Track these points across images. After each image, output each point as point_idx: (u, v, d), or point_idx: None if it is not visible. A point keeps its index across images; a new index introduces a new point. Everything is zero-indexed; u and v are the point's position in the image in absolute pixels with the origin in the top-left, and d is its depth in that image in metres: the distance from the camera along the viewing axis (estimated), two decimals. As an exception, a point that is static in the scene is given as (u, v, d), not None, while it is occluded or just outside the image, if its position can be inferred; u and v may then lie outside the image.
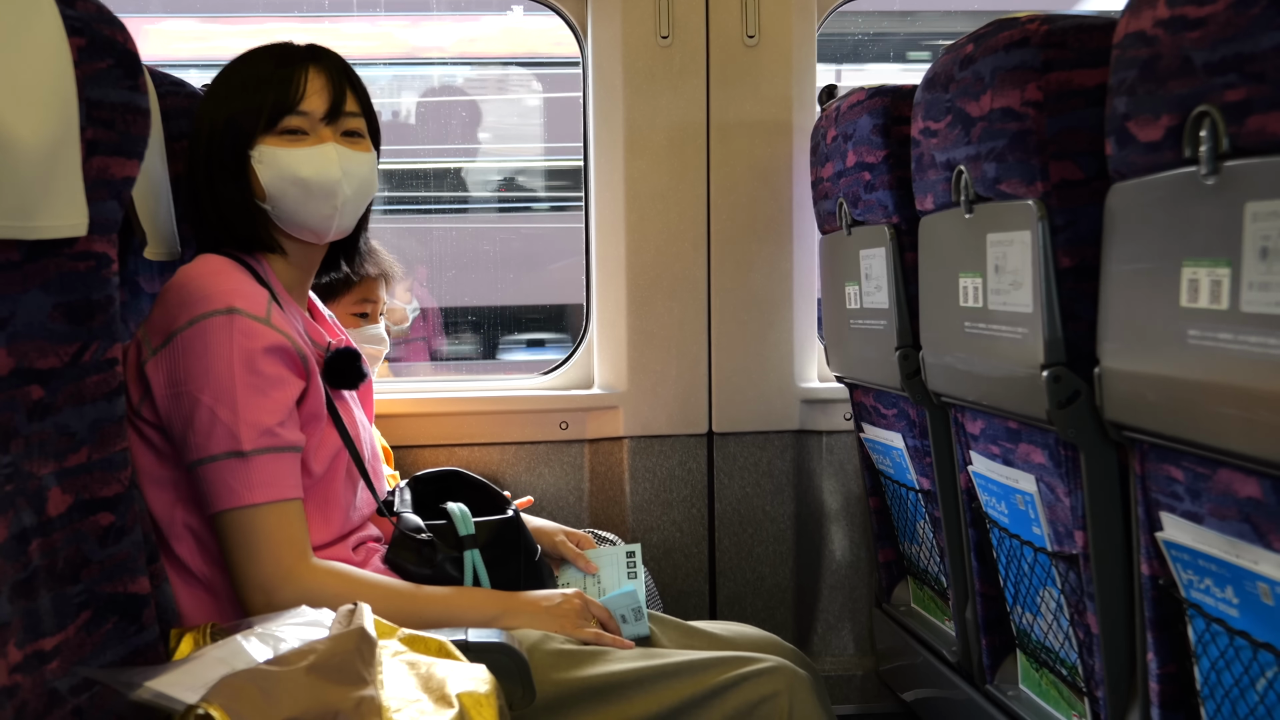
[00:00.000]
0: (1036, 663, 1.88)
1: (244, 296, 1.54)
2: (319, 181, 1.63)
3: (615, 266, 2.72)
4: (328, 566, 1.55)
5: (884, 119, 2.07)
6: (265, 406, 1.51)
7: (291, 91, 1.63)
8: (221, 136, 1.62)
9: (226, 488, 1.49)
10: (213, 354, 1.49)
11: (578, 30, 2.75)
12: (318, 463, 1.61)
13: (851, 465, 2.79)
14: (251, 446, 1.49)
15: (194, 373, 1.49)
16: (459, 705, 1.15)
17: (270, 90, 1.62)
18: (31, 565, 1.13)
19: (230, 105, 1.63)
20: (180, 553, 1.56)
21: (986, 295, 1.67)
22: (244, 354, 1.50)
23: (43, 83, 1.12)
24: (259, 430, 1.50)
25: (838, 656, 2.85)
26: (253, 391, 1.50)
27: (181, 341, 1.50)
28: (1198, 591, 1.33)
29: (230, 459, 1.49)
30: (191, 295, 1.53)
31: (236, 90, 1.64)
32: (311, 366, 1.60)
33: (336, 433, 1.65)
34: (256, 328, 1.52)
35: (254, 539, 1.50)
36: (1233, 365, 1.12)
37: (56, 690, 1.15)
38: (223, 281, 1.55)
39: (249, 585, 1.50)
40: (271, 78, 1.63)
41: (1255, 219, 1.08)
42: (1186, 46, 1.16)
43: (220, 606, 1.56)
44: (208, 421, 1.49)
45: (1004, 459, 1.77)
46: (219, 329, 1.50)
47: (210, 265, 1.59)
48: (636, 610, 1.71)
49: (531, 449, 2.76)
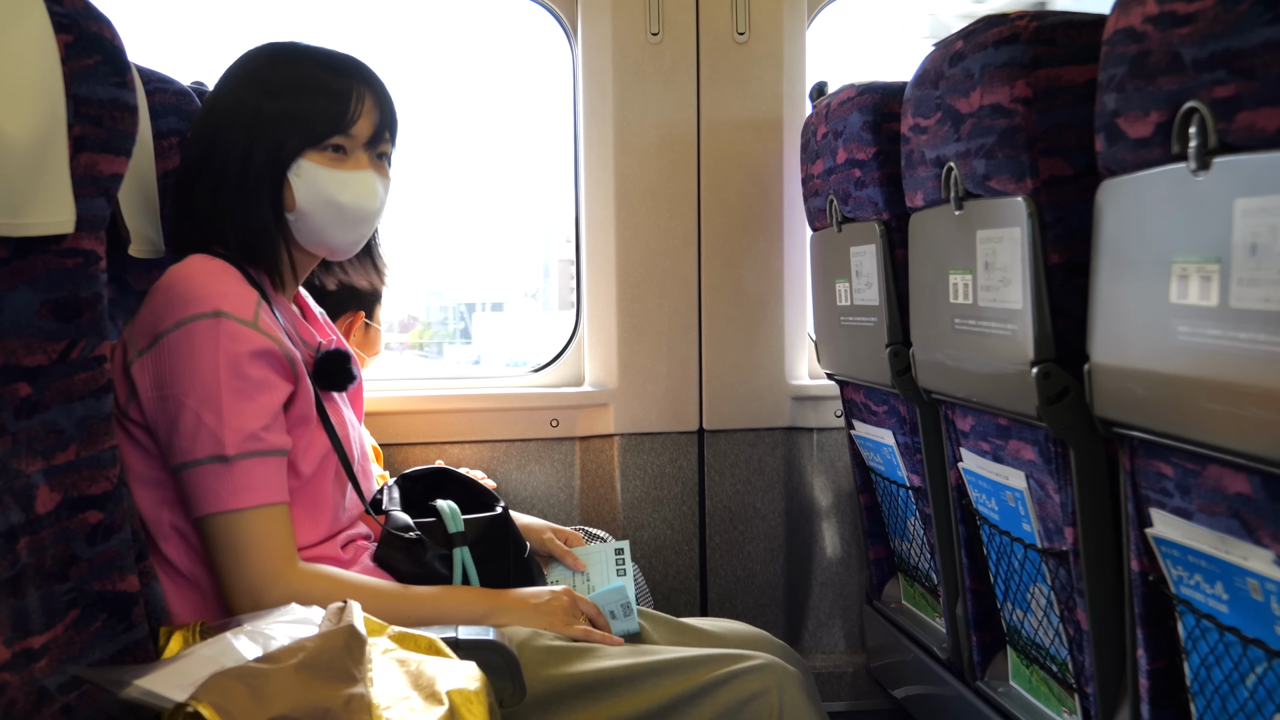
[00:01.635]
0: (1027, 659, 1.88)
1: (232, 299, 1.52)
2: (356, 208, 1.63)
3: (605, 263, 2.72)
4: (315, 570, 1.54)
5: (874, 116, 2.08)
6: (250, 411, 1.50)
7: (347, 110, 1.61)
8: (264, 143, 1.60)
9: (211, 492, 1.48)
10: (198, 358, 1.48)
11: (567, 27, 2.75)
12: (306, 464, 1.60)
13: (842, 462, 2.80)
14: (235, 451, 1.48)
15: (179, 376, 1.48)
16: (449, 702, 1.15)
17: (322, 103, 1.60)
18: (20, 563, 1.13)
19: (276, 110, 1.60)
20: (168, 552, 1.55)
21: (976, 292, 1.67)
22: (230, 358, 1.48)
23: (30, 79, 1.12)
24: (243, 435, 1.48)
25: (828, 653, 2.85)
26: (238, 396, 1.49)
27: (168, 344, 1.49)
28: (1187, 587, 1.33)
29: (214, 463, 1.48)
30: (179, 297, 1.51)
31: (283, 94, 1.60)
32: (300, 369, 1.58)
33: (325, 434, 1.64)
34: (243, 331, 1.50)
35: (239, 543, 1.49)
36: (1222, 361, 1.13)
37: (45, 688, 1.15)
38: (211, 283, 1.52)
39: (235, 589, 1.49)
40: (324, 90, 1.60)
41: (1245, 215, 1.08)
42: (1176, 43, 1.16)
43: (209, 605, 1.55)
44: (192, 425, 1.48)
45: (994, 455, 1.78)
46: (205, 332, 1.48)
47: (200, 266, 1.56)
48: (625, 606, 1.71)
49: (522, 446, 2.76)
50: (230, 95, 1.63)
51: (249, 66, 1.65)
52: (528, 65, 3.51)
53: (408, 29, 3.61)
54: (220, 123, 1.62)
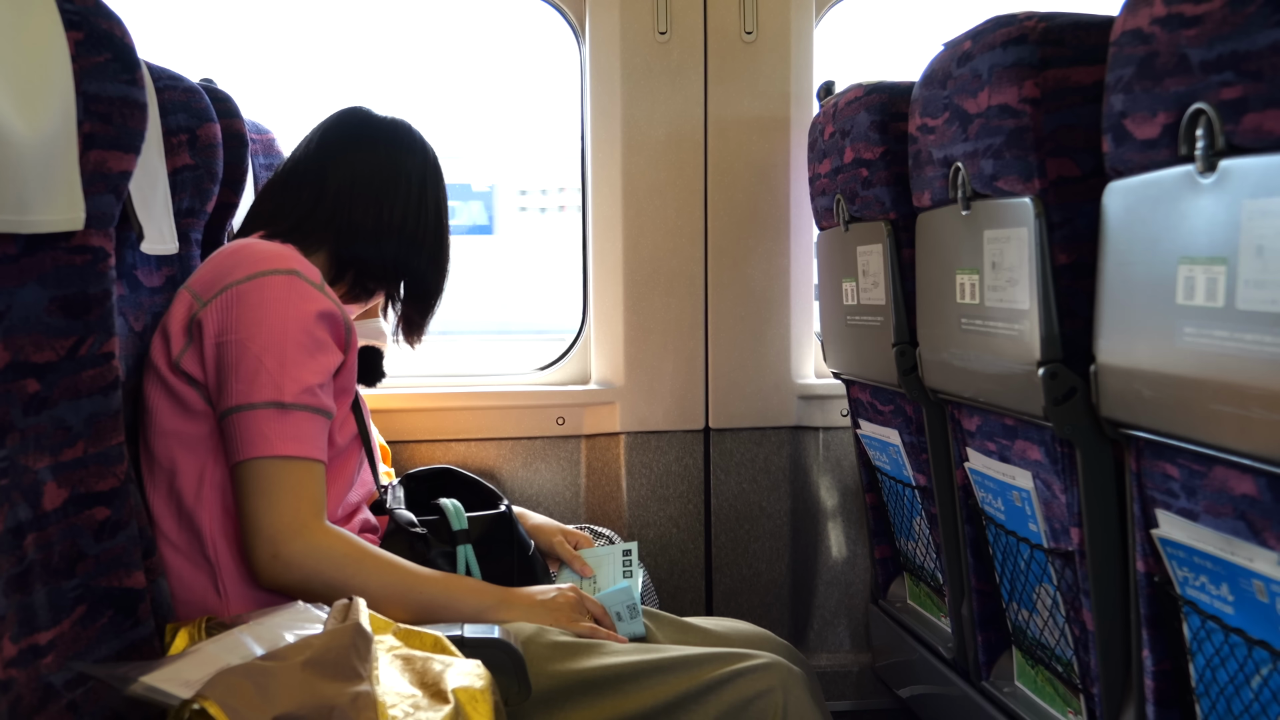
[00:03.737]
0: (1032, 659, 1.88)
1: (304, 265, 1.59)
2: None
3: (612, 262, 2.72)
4: (337, 530, 1.55)
5: (882, 115, 2.07)
6: (311, 366, 1.54)
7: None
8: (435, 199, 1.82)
9: (261, 435, 1.50)
10: (269, 307, 1.53)
11: (575, 26, 2.75)
12: (342, 436, 1.64)
13: (848, 461, 2.80)
14: (293, 400, 1.51)
15: (246, 321, 1.52)
16: (454, 700, 1.15)
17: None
18: (27, 559, 1.13)
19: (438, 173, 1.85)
20: (201, 519, 1.56)
21: (983, 292, 1.67)
22: (299, 314, 1.54)
23: (40, 76, 1.12)
24: (302, 387, 1.52)
25: (833, 653, 2.85)
26: (302, 350, 1.53)
27: (238, 293, 1.54)
28: (1193, 589, 1.33)
29: (270, 409, 1.50)
30: (250, 256, 1.58)
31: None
32: (354, 339, 1.64)
33: (354, 418, 1.68)
34: (313, 292, 1.57)
35: (275, 489, 1.50)
36: (1229, 363, 1.13)
37: (51, 685, 1.15)
38: (286, 251, 1.61)
39: (260, 535, 1.49)
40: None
41: (1252, 217, 1.08)
42: (1183, 44, 1.16)
43: (220, 587, 1.55)
44: (253, 369, 1.51)
45: (1000, 455, 1.78)
46: (279, 285, 1.54)
47: (265, 242, 1.65)
48: (631, 608, 1.71)
49: (528, 444, 2.76)
50: (392, 157, 1.80)
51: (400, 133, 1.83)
52: (536, 65, 3.51)
53: (408, 30, 3.61)
54: (383, 179, 1.78)
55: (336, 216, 1.72)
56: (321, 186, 1.73)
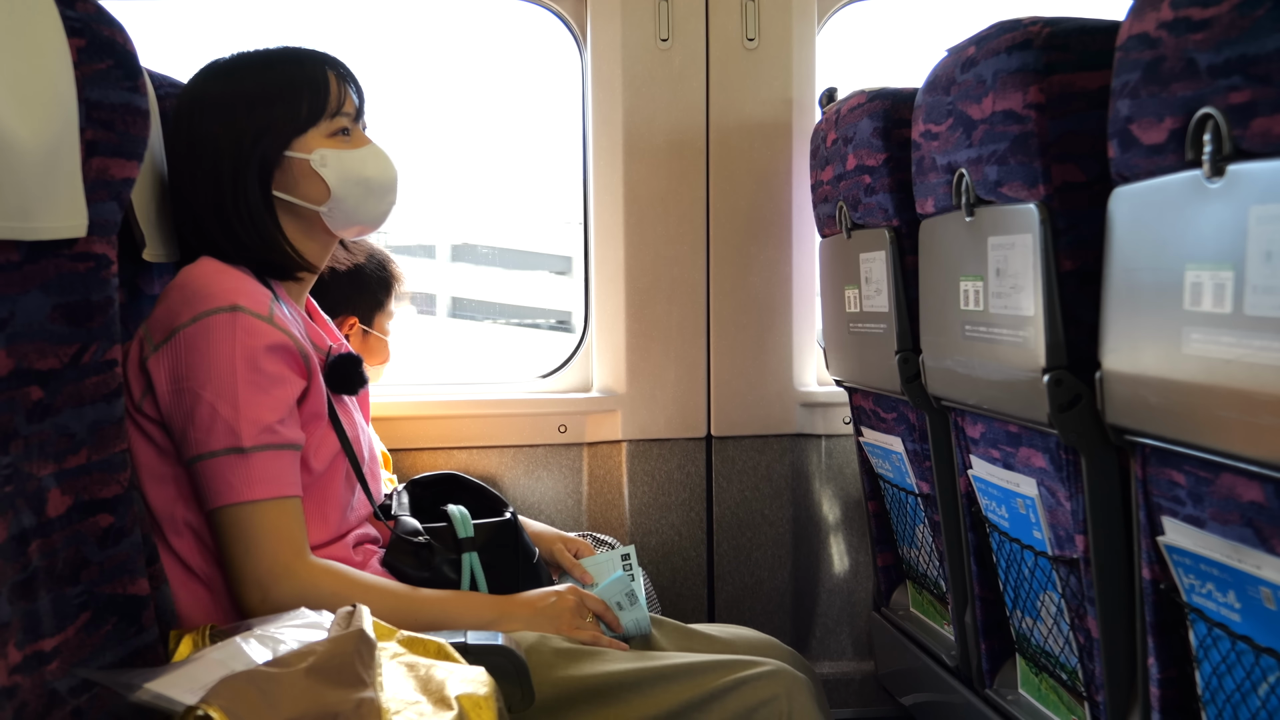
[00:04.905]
0: (1036, 667, 1.88)
1: (247, 295, 1.55)
2: (381, 180, 1.69)
3: (614, 269, 2.72)
4: (325, 565, 1.55)
5: (884, 122, 2.07)
6: (266, 404, 1.51)
7: (331, 94, 1.66)
8: (254, 146, 1.63)
9: (226, 483, 1.49)
10: (215, 351, 1.50)
11: (576, 33, 2.75)
12: (318, 461, 1.61)
13: (850, 469, 2.79)
14: (252, 443, 1.49)
15: (196, 369, 1.50)
16: (458, 707, 1.15)
17: (306, 94, 1.64)
18: (31, 566, 1.13)
19: (262, 113, 1.63)
20: (180, 550, 1.56)
21: (987, 298, 1.67)
22: (246, 351, 1.51)
23: (42, 83, 1.12)
24: (259, 427, 1.50)
25: (836, 660, 2.84)
26: (254, 389, 1.51)
27: (184, 338, 1.51)
28: (1199, 596, 1.32)
29: (230, 455, 1.49)
30: (195, 293, 1.54)
31: (264, 98, 1.64)
32: (313, 365, 1.61)
33: (336, 435, 1.65)
34: (259, 325, 1.53)
35: (252, 535, 1.50)
36: (1236, 369, 1.12)
37: (56, 691, 1.15)
38: (227, 280, 1.56)
39: (246, 581, 1.50)
40: (303, 82, 1.65)
41: (1259, 222, 1.08)
42: (1190, 49, 1.16)
43: (219, 604, 1.56)
44: (208, 417, 1.49)
45: (1004, 463, 1.77)
46: (222, 326, 1.51)
47: (213, 266, 1.60)
48: (630, 595, 1.71)
49: (530, 452, 2.76)
50: (212, 115, 1.65)
51: (224, 86, 1.67)
52: (536, 72, 3.51)
53: (408, 32, 3.62)
54: (206, 138, 1.64)
55: (202, 224, 1.66)
56: (180, 202, 1.69)
